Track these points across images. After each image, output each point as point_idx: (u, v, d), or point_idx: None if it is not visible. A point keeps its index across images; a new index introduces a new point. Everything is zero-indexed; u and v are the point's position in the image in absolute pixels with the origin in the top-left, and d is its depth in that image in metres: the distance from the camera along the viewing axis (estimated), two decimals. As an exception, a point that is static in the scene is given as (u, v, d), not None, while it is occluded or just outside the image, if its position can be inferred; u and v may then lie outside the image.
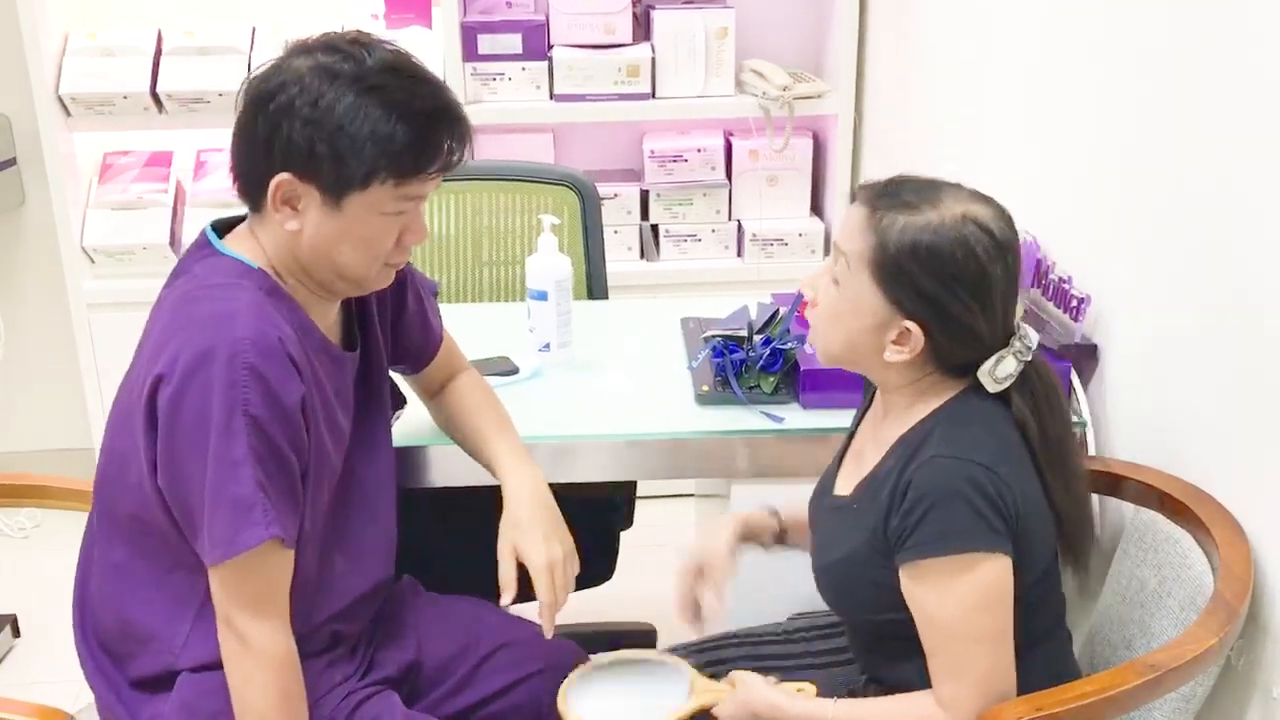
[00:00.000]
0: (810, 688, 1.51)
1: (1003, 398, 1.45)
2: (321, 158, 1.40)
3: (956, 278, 1.38)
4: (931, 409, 1.45)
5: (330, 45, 1.44)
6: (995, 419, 1.43)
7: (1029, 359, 1.44)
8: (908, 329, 1.41)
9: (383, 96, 1.40)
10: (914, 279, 1.39)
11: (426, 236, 1.52)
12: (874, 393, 1.57)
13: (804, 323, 1.56)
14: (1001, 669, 1.39)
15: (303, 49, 1.45)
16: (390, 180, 1.42)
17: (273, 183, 1.43)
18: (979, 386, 1.45)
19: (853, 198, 1.47)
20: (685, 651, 1.77)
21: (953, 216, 1.39)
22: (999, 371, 1.43)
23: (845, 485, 1.55)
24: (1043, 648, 1.50)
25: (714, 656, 1.75)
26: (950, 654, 1.39)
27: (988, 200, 1.43)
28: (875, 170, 1.54)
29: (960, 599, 1.37)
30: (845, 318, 1.45)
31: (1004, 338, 1.43)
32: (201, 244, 1.53)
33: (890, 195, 1.42)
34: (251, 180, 1.46)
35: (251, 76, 1.45)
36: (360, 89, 1.40)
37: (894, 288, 1.40)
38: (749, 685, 1.51)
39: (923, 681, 1.43)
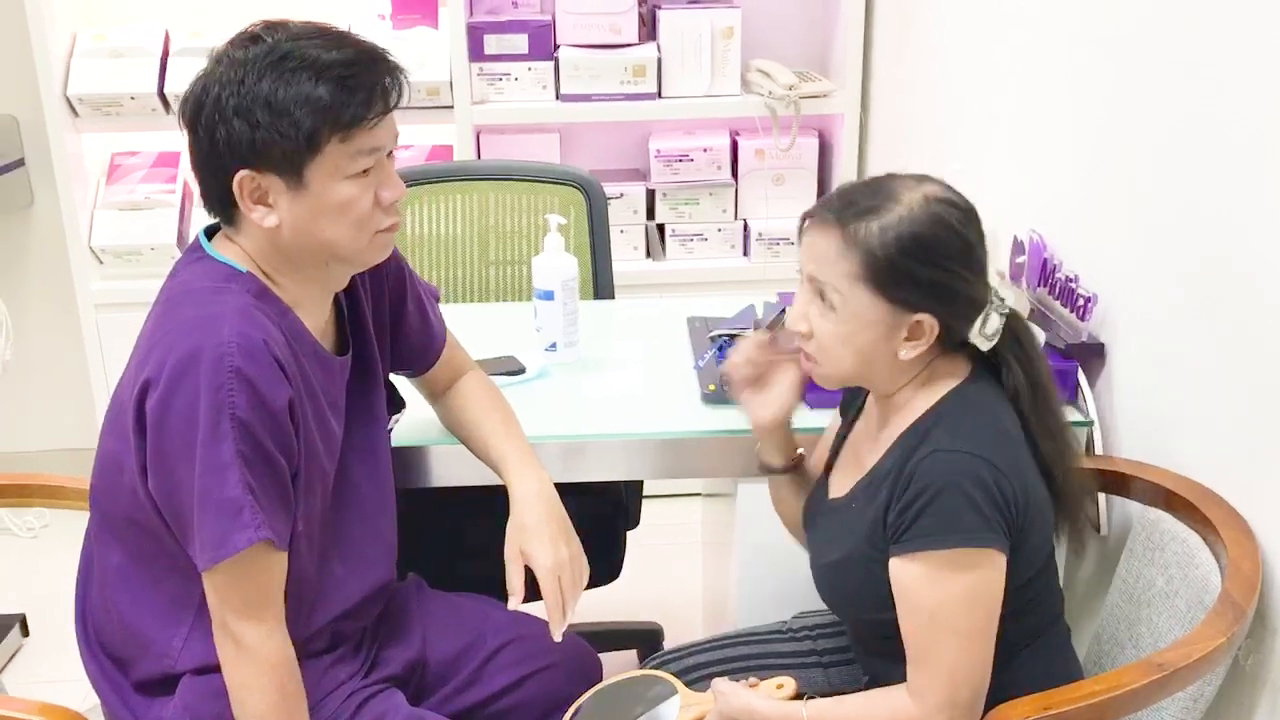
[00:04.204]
0: (790, 682, 1.52)
1: (994, 369, 1.47)
2: (265, 140, 1.41)
3: (948, 255, 1.41)
4: (932, 403, 1.46)
5: (239, 40, 1.47)
6: (994, 408, 1.45)
7: (1007, 311, 1.47)
8: (918, 322, 1.42)
9: (298, 62, 1.42)
10: (912, 273, 1.40)
11: (405, 192, 1.52)
12: (861, 400, 1.58)
13: None
14: (974, 665, 1.39)
15: (216, 55, 1.47)
16: (335, 137, 1.43)
17: (235, 183, 1.43)
18: (976, 376, 1.47)
19: (801, 224, 1.47)
20: (691, 652, 1.77)
21: (917, 202, 1.41)
22: (987, 329, 1.45)
23: (840, 488, 1.56)
24: (1041, 641, 1.51)
25: (720, 655, 1.75)
26: (927, 644, 1.40)
27: (931, 178, 1.46)
28: (880, 169, 1.54)
29: (948, 592, 1.38)
30: (854, 337, 1.44)
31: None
32: (194, 248, 1.53)
33: (848, 207, 1.42)
34: (215, 192, 1.47)
35: (180, 100, 1.48)
36: (273, 62, 1.42)
37: (895, 289, 1.40)
38: (725, 695, 1.51)
39: None
